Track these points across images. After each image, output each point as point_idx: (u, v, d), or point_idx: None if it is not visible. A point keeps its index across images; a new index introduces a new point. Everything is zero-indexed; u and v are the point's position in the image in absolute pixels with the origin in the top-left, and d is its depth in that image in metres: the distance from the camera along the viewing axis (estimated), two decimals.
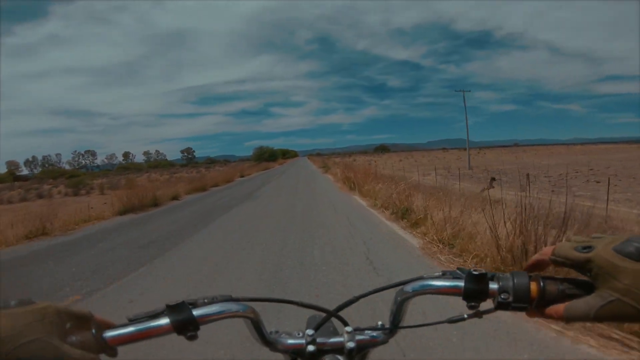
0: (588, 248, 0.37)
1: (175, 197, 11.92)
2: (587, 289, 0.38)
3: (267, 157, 64.24)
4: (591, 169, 19.90)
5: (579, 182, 14.02)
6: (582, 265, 0.37)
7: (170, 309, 0.39)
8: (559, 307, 0.38)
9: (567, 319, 0.38)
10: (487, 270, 0.42)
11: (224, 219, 7.16)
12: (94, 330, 0.37)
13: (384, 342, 0.48)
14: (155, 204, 10.04)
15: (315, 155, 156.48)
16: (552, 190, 8.13)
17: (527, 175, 4.60)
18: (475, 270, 0.42)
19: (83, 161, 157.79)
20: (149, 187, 11.69)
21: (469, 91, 30.07)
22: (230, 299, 0.43)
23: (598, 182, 13.55)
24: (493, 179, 10.67)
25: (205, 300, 0.42)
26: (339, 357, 0.46)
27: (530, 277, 0.41)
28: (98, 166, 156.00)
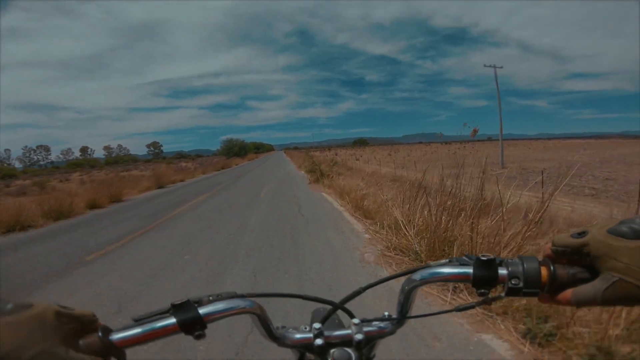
0: (583, 233, 0.37)
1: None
2: (596, 273, 0.37)
3: (237, 151, 55.95)
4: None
5: None
6: (579, 250, 0.37)
7: (175, 308, 0.38)
8: (567, 293, 0.38)
9: (576, 303, 0.38)
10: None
11: None
12: (100, 333, 0.35)
13: (392, 332, 0.47)
14: None
15: (293, 149, 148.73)
16: None
17: None
18: (483, 256, 0.41)
19: (35, 157, 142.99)
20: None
21: (501, 67, 23.85)
22: (235, 296, 0.42)
23: None
24: None
25: (210, 298, 0.41)
26: (348, 349, 0.44)
27: (539, 262, 0.40)
28: (52, 162, 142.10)
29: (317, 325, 0.45)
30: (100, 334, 0.35)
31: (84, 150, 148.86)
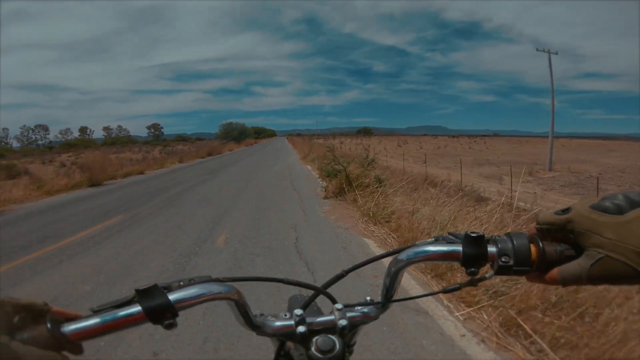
0: (567, 210, 0.37)
1: None
2: (581, 251, 0.36)
3: (236, 135, 52.19)
4: None
5: None
6: (563, 227, 0.37)
7: (141, 295, 0.34)
8: (554, 271, 0.37)
9: (562, 282, 0.37)
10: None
11: None
12: (49, 324, 0.32)
13: (376, 317, 0.46)
14: None
15: (296, 135, 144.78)
16: None
17: None
18: (472, 232, 0.39)
19: (34, 136, 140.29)
20: None
21: (556, 53, 19.77)
22: (210, 280, 0.39)
23: None
24: None
25: (181, 283, 0.38)
26: (331, 336, 0.41)
27: (528, 239, 0.39)
28: (50, 142, 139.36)
29: (298, 311, 0.43)
30: (49, 325, 0.32)
31: (83, 130, 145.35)
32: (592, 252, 0.34)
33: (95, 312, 0.34)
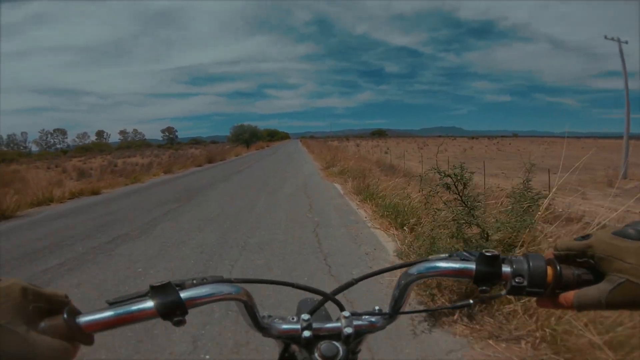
0: (587, 237, 0.37)
1: None
2: (600, 276, 0.35)
3: (248, 138, 50.05)
4: None
5: None
6: (583, 253, 0.36)
7: (154, 291, 0.36)
8: (569, 295, 0.36)
9: (578, 307, 0.36)
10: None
11: None
12: (65, 315, 0.33)
13: (382, 327, 0.45)
14: None
15: (309, 138, 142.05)
16: None
17: None
18: (487, 251, 0.39)
19: (52, 140, 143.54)
20: None
21: (626, 42, 16.44)
22: (221, 280, 0.40)
23: None
24: None
25: (194, 282, 0.39)
26: (336, 343, 0.42)
27: (545, 260, 0.38)
28: (69, 145, 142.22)
29: (305, 316, 0.43)
30: (65, 315, 0.33)
31: (99, 134, 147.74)
32: (613, 277, 0.33)
33: (111, 305, 0.35)
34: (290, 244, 3.65)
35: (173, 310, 0.35)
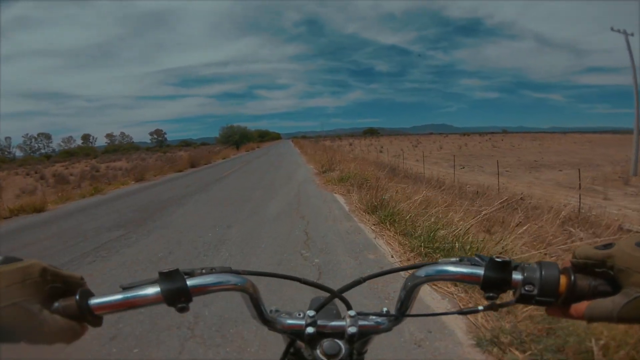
0: (609, 245, 0.35)
1: None
2: (618, 288, 0.34)
3: (238, 139, 48.16)
4: None
5: None
6: (603, 263, 0.34)
7: (162, 277, 0.36)
8: (581, 306, 0.35)
9: (588, 318, 0.34)
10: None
11: None
12: (77, 297, 0.34)
13: (388, 329, 0.45)
14: None
15: (301, 137, 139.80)
16: None
17: None
18: (498, 257, 0.38)
19: (36, 145, 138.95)
20: None
21: (632, 34, 15.18)
22: (229, 271, 0.40)
23: None
24: None
25: (203, 271, 0.39)
26: (339, 341, 0.41)
27: (559, 270, 0.37)
28: (54, 150, 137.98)
29: (310, 313, 0.43)
30: (77, 297, 0.34)
31: (85, 138, 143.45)
32: (630, 290, 0.32)
33: (124, 289, 0.36)
34: (273, 344, 1.80)
35: (178, 297, 0.36)
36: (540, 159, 22.82)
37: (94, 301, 0.35)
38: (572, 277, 0.35)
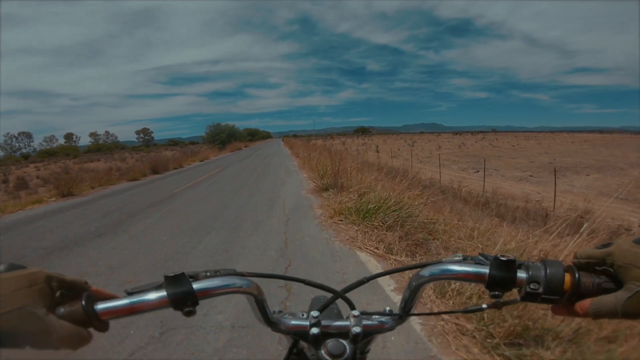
0: (608, 244, 0.36)
1: None
2: (621, 285, 0.35)
3: (225, 138, 45.77)
4: None
5: None
6: (603, 261, 0.36)
7: (168, 281, 0.36)
8: (586, 303, 0.36)
9: (593, 315, 0.35)
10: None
11: None
12: (84, 302, 0.34)
13: (391, 328, 0.44)
14: None
15: (292, 136, 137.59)
16: None
17: None
18: (502, 256, 0.38)
19: (17, 144, 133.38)
20: None
21: None
22: (234, 273, 0.40)
23: None
24: None
25: (208, 274, 0.39)
26: (343, 341, 0.42)
27: (564, 268, 0.37)
28: (35, 149, 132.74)
29: (314, 313, 0.43)
30: (84, 302, 0.34)
31: (68, 137, 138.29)
32: (631, 285, 0.33)
33: (129, 294, 0.36)
34: None
35: (184, 300, 0.36)
36: (553, 161, 21.28)
37: (100, 306, 0.35)
38: (577, 275, 0.36)
